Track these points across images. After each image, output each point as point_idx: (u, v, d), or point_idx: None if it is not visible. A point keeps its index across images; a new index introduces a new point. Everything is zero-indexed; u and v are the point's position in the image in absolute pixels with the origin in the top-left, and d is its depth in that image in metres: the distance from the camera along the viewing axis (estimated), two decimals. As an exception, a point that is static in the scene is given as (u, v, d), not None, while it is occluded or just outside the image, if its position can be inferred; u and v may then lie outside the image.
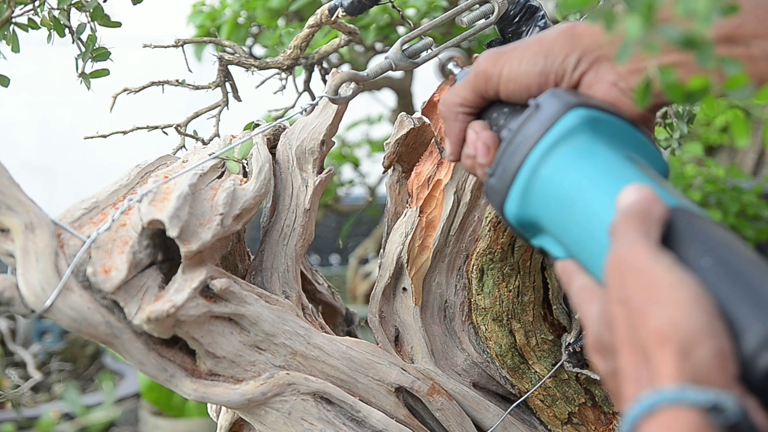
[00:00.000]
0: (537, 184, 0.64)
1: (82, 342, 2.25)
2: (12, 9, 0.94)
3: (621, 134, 0.64)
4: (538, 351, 0.92)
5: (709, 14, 0.43)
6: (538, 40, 0.68)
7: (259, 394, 0.80)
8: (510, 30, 0.94)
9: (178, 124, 1.07)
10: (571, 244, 0.62)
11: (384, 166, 0.95)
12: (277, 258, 0.90)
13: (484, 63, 0.70)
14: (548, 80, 0.67)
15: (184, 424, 1.93)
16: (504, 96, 0.70)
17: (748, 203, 2.12)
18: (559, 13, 1.13)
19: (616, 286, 0.52)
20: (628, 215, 0.54)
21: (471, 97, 0.71)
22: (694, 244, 0.53)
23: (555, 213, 0.63)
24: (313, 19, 1.02)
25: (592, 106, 0.64)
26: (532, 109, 0.66)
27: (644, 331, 0.49)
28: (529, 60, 0.68)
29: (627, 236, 0.53)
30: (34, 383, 2.09)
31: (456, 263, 0.93)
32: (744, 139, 0.56)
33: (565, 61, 0.66)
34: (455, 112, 0.72)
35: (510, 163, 0.65)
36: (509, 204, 0.66)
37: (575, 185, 0.62)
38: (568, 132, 0.63)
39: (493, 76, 0.69)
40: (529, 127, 0.65)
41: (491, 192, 0.68)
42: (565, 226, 0.62)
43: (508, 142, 0.66)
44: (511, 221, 0.67)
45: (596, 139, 0.63)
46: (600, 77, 0.66)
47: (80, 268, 0.74)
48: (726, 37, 0.58)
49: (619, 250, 0.53)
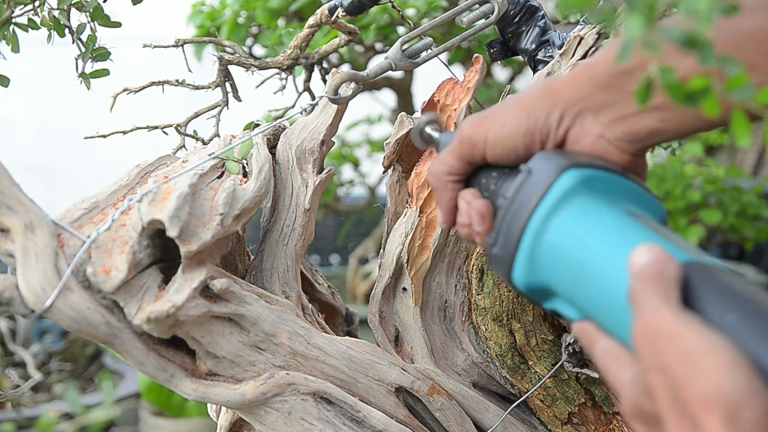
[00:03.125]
0: (542, 251, 0.64)
1: (82, 342, 2.25)
2: (12, 9, 0.94)
3: (616, 188, 0.64)
4: (538, 351, 0.92)
5: (711, 14, 0.43)
6: (518, 101, 0.68)
7: (259, 394, 0.80)
8: (510, 30, 0.94)
9: (178, 124, 1.07)
10: (586, 307, 0.61)
11: (384, 166, 0.95)
12: (277, 258, 0.90)
13: (468, 129, 0.70)
14: (534, 140, 0.67)
15: (184, 424, 1.93)
16: (491, 160, 0.69)
17: (748, 203, 2.12)
18: (559, 13, 1.13)
19: (650, 355, 0.52)
20: (645, 279, 0.54)
21: (458, 164, 0.71)
22: (715, 299, 0.53)
23: (565, 277, 0.62)
24: (313, 19, 1.02)
25: (585, 165, 0.64)
26: (525, 175, 0.65)
27: (689, 398, 0.49)
28: (512, 122, 0.67)
29: (649, 302, 0.53)
30: (34, 383, 2.09)
31: (456, 263, 0.93)
32: (745, 139, 0.56)
33: (548, 119, 0.66)
34: (444, 181, 0.72)
35: (511, 231, 0.65)
36: (516, 272, 0.65)
37: (582, 247, 0.61)
38: (565, 195, 0.63)
39: (478, 142, 0.69)
40: (525, 194, 0.64)
41: (496, 262, 0.67)
42: (578, 290, 0.61)
43: (506, 210, 0.66)
44: (521, 288, 0.66)
45: (594, 198, 0.63)
46: (585, 131, 0.65)
47: (80, 268, 0.74)
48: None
49: (645, 317, 0.53)
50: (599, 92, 0.64)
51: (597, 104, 0.65)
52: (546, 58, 0.93)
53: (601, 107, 0.64)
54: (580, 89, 0.65)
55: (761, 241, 2.16)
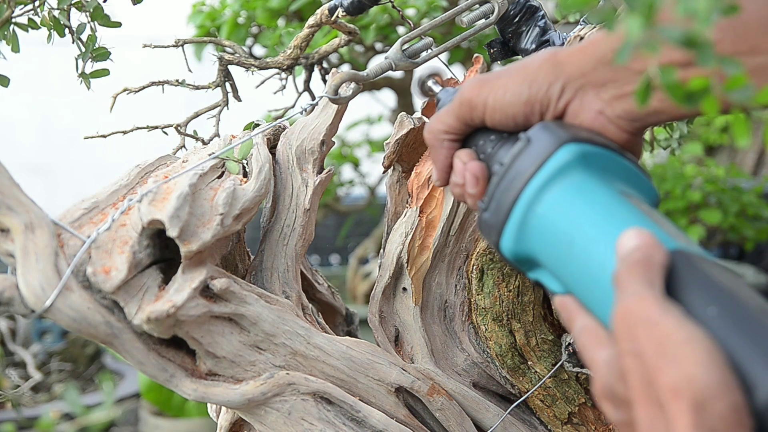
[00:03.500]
0: (533, 221, 0.64)
1: (82, 342, 2.25)
2: (12, 9, 0.94)
3: (612, 167, 0.64)
4: (538, 351, 0.92)
5: (710, 14, 0.43)
6: (521, 69, 0.68)
7: (259, 394, 0.80)
8: (510, 30, 0.94)
9: (178, 124, 1.07)
10: (570, 282, 0.62)
11: (384, 166, 0.95)
12: (277, 258, 0.90)
13: (468, 91, 0.70)
14: (533, 109, 0.67)
15: (184, 424, 1.93)
16: (490, 124, 0.69)
17: (748, 203, 2.12)
18: (559, 13, 1.13)
19: (627, 339, 0.52)
20: (631, 264, 0.54)
21: (456, 124, 0.71)
22: (698, 291, 0.53)
23: (553, 250, 0.63)
24: (313, 19, 1.02)
25: (583, 140, 0.64)
26: (524, 143, 0.65)
27: (660, 385, 0.49)
28: (513, 89, 0.67)
29: (632, 287, 0.53)
30: (34, 383, 2.09)
31: (456, 263, 0.93)
32: (745, 140, 0.56)
33: (550, 90, 0.66)
34: (440, 139, 0.72)
35: (504, 198, 0.65)
36: (505, 240, 0.66)
37: (573, 224, 0.61)
38: (561, 168, 0.63)
39: (478, 106, 0.69)
40: (522, 163, 0.65)
41: (485, 227, 0.67)
42: (564, 264, 0.62)
43: (501, 176, 0.66)
44: (507, 256, 0.66)
45: (590, 175, 0.63)
46: (585, 106, 0.65)
47: (80, 268, 0.74)
48: None
49: (627, 302, 0.53)
50: (603, 68, 0.64)
51: (600, 80, 0.64)
52: (546, 58, 0.93)
53: (603, 83, 0.64)
54: (584, 63, 0.65)
55: (761, 241, 2.17)
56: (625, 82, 0.63)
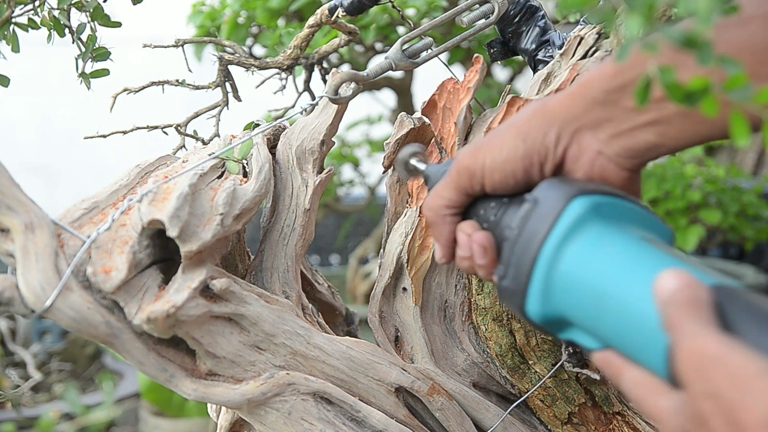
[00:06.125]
0: (557, 281, 0.63)
1: (82, 342, 2.25)
2: (12, 9, 0.94)
3: (625, 213, 0.63)
4: (538, 351, 0.92)
5: (710, 14, 0.43)
6: (512, 126, 0.67)
7: (259, 394, 0.80)
8: (510, 30, 0.94)
9: (178, 124, 1.07)
10: (607, 336, 0.60)
11: (384, 166, 0.95)
12: (277, 258, 0.90)
13: (464, 159, 0.69)
14: (532, 162, 0.66)
15: (184, 424, 1.93)
16: (489, 188, 0.68)
17: (748, 203, 2.12)
18: (559, 13, 1.13)
19: (698, 381, 0.51)
20: (679, 305, 0.53)
21: (456, 197, 0.70)
22: (750, 322, 0.52)
23: (583, 307, 0.61)
24: (313, 19, 1.02)
25: (591, 192, 0.63)
26: (531, 205, 0.64)
27: (746, 422, 0.48)
28: (509, 146, 0.67)
29: (689, 327, 0.52)
30: (34, 383, 2.09)
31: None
32: (744, 140, 0.56)
33: (545, 139, 0.66)
34: (442, 215, 0.71)
35: (522, 262, 0.64)
36: (530, 305, 0.64)
37: (601, 277, 0.60)
38: (577, 222, 0.62)
39: (476, 171, 0.68)
40: (533, 224, 0.63)
41: (507, 295, 0.66)
42: (598, 319, 0.60)
43: (514, 241, 0.64)
44: (535, 320, 0.65)
45: (606, 224, 0.62)
46: (584, 148, 0.65)
47: (80, 268, 0.74)
48: None
49: (689, 343, 0.52)
50: (595, 109, 0.64)
51: (594, 121, 0.64)
52: (546, 58, 0.93)
53: (598, 123, 0.64)
54: (575, 107, 0.65)
55: (761, 241, 2.17)
56: (620, 120, 0.63)
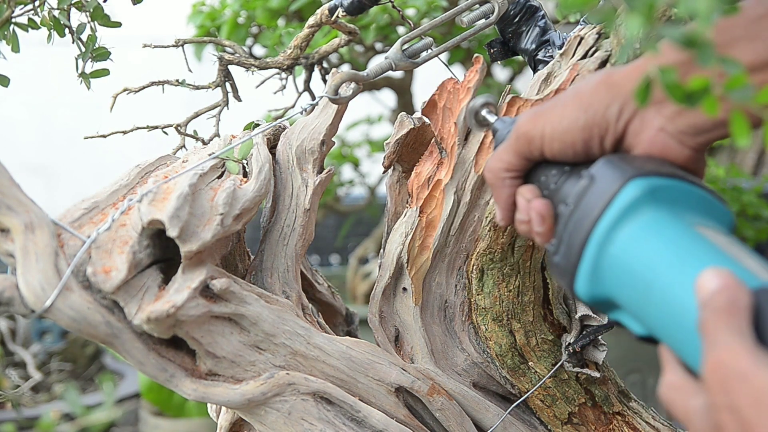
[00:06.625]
0: (606, 263, 0.62)
1: (82, 342, 2.25)
2: (12, 9, 0.94)
3: (682, 197, 0.62)
4: (538, 351, 0.92)
5: (710, 14, 0.43)
6: (575, 95, 0.66)
7: (259, 394, 0.80)
8: (510, 30, 0.94)
9: (178, 124, 1.07)
10: (652, 325, 0.60)
11: (384, 166, 0.95)
12: (277, 258, 0.90)
13: (524, 125, 0.68)
14: (592, 134, 0.65)
15: (184, 424, 1.93)
16: (549, 156, 0.68)
17: (748, 203, 2.12)
18: (559, 13, 1.13)
19: (721, 393, 0.51)
20: (716, 310, 0.52)
21: (515, 161, 0.69)
22: None
23: (630, 293, 0.61)
24: (313, 19, 1.02)
25: (650, 173, 0.62)
26: (588, 182, 0.63)
27: None
28: (569, 116, 0.66)
29: (721, 336, 0.51)
30: (34, 383, 2.09)
31: (456, 263, 0.93)
32: (744, 140, 0.56)
33: (607, 112, 0.65)
34: (501, 177, 0.70)
35: (573, 240, 0.63)
36: (579, 283, 0.63)
37: (648, 267, 0.59)
38: (630, 206, 0.61)
39: (535, 138, 0.67)
40: (588, 202, 0.63)
41: (558, 270, 0.65)
42: (643, 307, 0.60)
43: (568, 218, 0.64)
44: (584, 299, 0.64)
45: (660, 211, 0.61)
46: (646, 123, 0.64)
47: (80, 268, 0.74)
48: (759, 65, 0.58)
49: (717, 354, 0.51)
50: (662, 85, 0.63)
51: (660, 96, 0.62)
52: (546, 58, 0.93)
53: (664, 99, 0.62)
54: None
55: (761, 241, 2.16)
56: None
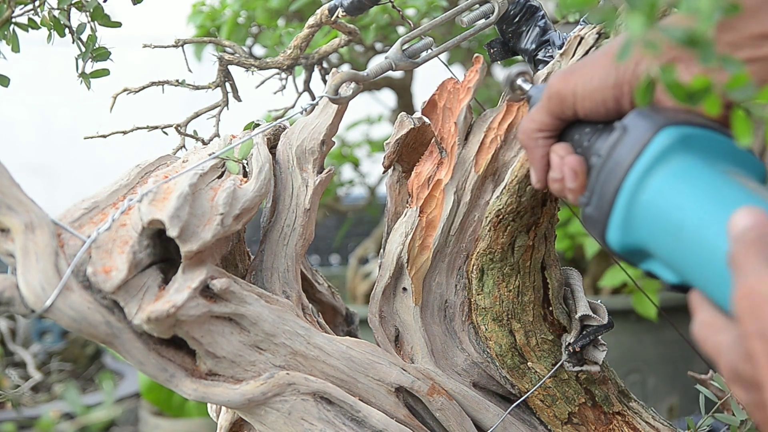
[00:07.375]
0: (638, 211, 0.62)
1: (82, 342, 2.25)
2: (12, 9, 0.94)
3: (714, 146, 0.62)
4: (538, 351, 0.92)
5: (712, 13, 0.43)
6: (605, 54, 0.67)
7: (259, 394, 0.80)
8: (510, 30, 0.94)
9: (178, 124, 1.07)
10: (683, 270, 0.60)
11: (384, 166, 0.95)
12: (277, 258, 0.90)
13: (556, 84, 0.69)
14: (623, 91, 0.66)
15: (184, 424, 1.93)
16: (582, 114, 0.69)
17: (748, 203, 2.11)
18: (559, 13, 1.13)
19: (751, 320, 0.51)
20: (747, 243, 0.53)
21: (548, 120, 0.70)
22: None
23: (662, 238, 0.61)
24: (313, 19, 1.02)
25: (682, 122, 0.62)
26: (620, 132, 0.64)
27: None
28: (600, 74, 0.67)
29: (751, 266, 0.52)
30: (34, 383, 2.10)
31: (456, 263, 0.93)
32: (745, 139, 0.56)
33: (637, 69, 0.65)
34: (534, 138, 0.72)
35: (605, 190, 0.64)
36: (611, 233, 0.64)
37: (680, 211, 0.60)
38: (662, 154, 0.62)
39: (567, 97, 0.68)
40: (620, 152, 0.63)
41: (590, 221, 0.66)
42: (675, 252, 0.60)
43: (600, 168, 0.65)
44: (616, 249, 0.65)
45: (692, 157, 0.61)
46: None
47: (80, 268, 0.74)
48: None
49: (748, 282, 0.52)
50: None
51: (689, 53, 0.63)
52: (546, 58, 0.93)
53: (693, 56, 0.62)
54: None
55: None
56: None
